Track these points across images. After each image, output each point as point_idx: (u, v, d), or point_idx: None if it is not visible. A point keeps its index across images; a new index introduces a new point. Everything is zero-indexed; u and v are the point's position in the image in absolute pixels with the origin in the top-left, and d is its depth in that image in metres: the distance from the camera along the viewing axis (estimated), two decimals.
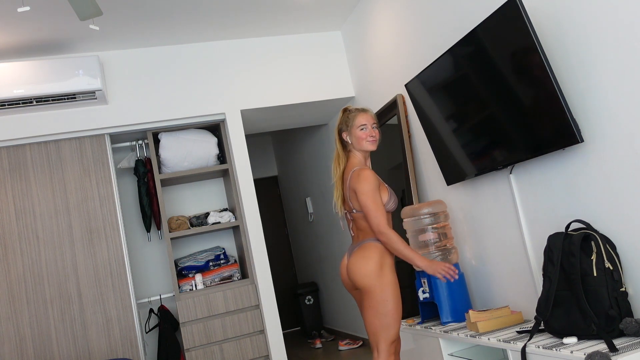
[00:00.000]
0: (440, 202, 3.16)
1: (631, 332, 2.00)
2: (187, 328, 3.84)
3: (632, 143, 2.09)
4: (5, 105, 3.59)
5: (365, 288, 2.54)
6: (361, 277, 2.54)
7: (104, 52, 4.01)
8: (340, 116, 2.76)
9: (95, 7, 2.72)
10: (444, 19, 3.12)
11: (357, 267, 2.56)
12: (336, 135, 2.77)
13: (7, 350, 3.51)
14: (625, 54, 2.06)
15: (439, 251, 3.06)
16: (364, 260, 2.56)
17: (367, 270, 2.54)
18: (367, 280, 2.53)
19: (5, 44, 3.61)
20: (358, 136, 2.68)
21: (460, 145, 2.93)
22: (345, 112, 2.76)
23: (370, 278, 2.53)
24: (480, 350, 2.85)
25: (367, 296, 2.54)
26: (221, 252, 4.29)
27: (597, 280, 2.08)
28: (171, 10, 3.63)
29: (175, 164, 4.11)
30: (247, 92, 4.23)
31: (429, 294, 3.07)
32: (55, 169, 3.81)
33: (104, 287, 3.75)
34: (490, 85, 2.60)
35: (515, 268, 2.86)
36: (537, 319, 2.30)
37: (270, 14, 3.98)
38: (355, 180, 2.60)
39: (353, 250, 2.66)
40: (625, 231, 2.16)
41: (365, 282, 2.53)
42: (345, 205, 2.69)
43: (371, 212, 2.54)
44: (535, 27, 2.43)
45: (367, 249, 2.59)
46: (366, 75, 4.20)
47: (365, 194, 2.55)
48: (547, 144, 2.35)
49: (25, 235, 3.68)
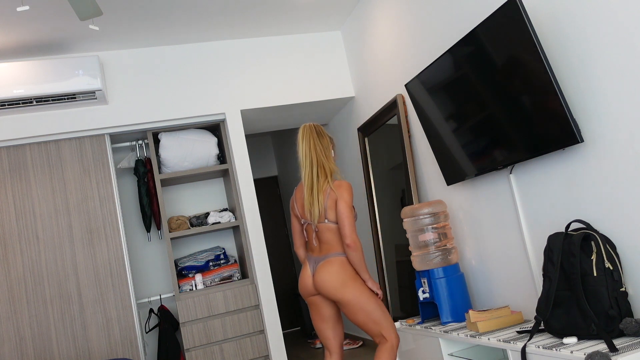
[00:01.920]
0: (440, 202, 3.16)
1: (631, 332, 2.00)
2: (187, 328, 3.84)
3: (632, 143, 2.09)
4: (5, 105, 3.59)
5: (346, 299, 2.64)
6: (341, 291, 2.64)
7: (104, 52, 4.01)
8: (329, 136, 2.84)
9: (95, 7, 2.72)
10: (444, 19, 3.12)
11: (331, 281, 2.65)
12: (329, 148, 2.80)
13: (7, 350, 3.51)
14: (625, 54, 2.06)
15: (439, 251, 3.07)
16: (338, 275, 2.65)
17: (345, 283, 2.64)
18: (348, 292, 2.64)
19: (5, 44, 3.61)
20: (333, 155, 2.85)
21: (460, 145, 2.93)
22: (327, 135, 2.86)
23: (350, 289, 2.64)
24: (480, 350, 2.85)
25: (351, 304, 2.64)
26: (221, 252, 4.29)
27: (597, 280, 2.08)
28: (171, 10, 3.63)
29: (175, 164, 4.11)
30: (247, 92, 4.23)
31: (429, 294, 3.08)
32: (55, 169, 3.81)
33: (104, 287, 3.75)
34: (490, 85, 2.60)
35: (515, 268, 2.86)
36: (537, 319, 2.30)
37: (270, 14, 3.98)
38: (340, 190, 2.66)
39: (319, 263, 2.71)
40: (625, 231, 2.16)
41: (347, 294, 2.64)
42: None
43: (351, 222, 2.64)
44: (535, 27, 2.43)
45: (336, 264, 2.67)
46: (366, 75, 4.20)
47: (348, 203, 2.64)
48: (547, 144, 2.35)
49: (25, 235, 3.68)
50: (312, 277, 2.72)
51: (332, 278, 2.64)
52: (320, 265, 2.69)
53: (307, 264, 2.78)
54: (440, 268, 3.03)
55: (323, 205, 2.66)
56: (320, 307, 2.77)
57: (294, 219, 2.85)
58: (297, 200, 2.80)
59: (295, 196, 2.82)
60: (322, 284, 2.66)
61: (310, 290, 2.74)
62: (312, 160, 2.71)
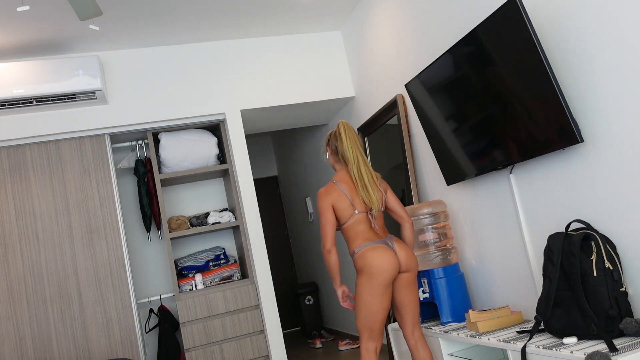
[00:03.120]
0: (440, 202, 3.16)
1: (631, 332, 2.00)
2: (187, 328, 3.84)
3: (632, 143, 2.09)
4: (5, 105, 3.59)
5: (415, 272, 2.78)
6: (417, 261, 2.81)
7: (104, 52, 4.01)
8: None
9: (95, 7, 2.72)
10: (444, 19, 3.12)
11: (413, 256, 2.77)
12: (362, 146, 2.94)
13: (7, 350, 3.51)
14: (625, 54, 2.06)
15: (439, 251, 3.07)
16: (409, 248, 2.79)
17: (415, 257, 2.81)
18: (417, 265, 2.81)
19: (5, 44, 3.61)
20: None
21: (460, 145, 2.93)
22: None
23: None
24: (480, 350, 2.85)
25: (414, 280, 2.77)
26: (221, 252, 4.29)
27: (597, 280, 2.08)
28: (171, 10, 3.63)
29: (175, 164, 4.11)
30: (247, 92, 4.23)
31: (429, 294, 3.08)
32: (55, 169, 3.81)
33: (104, 287, 3.75)
34: (490, 85, 2.60)
35: (515, 268, 2.86)
36: (537, 319, 2.30)
37: (270, 14, 3.98)
38: (385, 183, 2.91)
39: (392, 242, 2.75)
40: (625, 231, 2.16)
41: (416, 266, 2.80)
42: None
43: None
44: (535, 27, 2.43)
45: (401, 241, 2.81)
46: (366, 75, 4.20)
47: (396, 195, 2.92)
48: (547, 144, 2.35)
49: (25, 235, 3.68)
50: (397, 255, 2.71)
51: (412, 253, 2.76)
52: (395, 241, 2.74)
53: (382, 248, 2.70)
54: (440, 268, 3.03)
55: (382, 194, 2.81)
56: (388, 290, 2.69)
57: (333, 215, 2.79)
58: (347, 190, 2.77)
59: (342, 187, 2.78)
60: (410, 258, 2.73)
61: (395, 270, 2.69)
62: (360, 155, 2.82)
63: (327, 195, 2.76)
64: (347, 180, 2.80)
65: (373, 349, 2.68)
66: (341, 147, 2.82)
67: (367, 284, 2.64)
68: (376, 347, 2.68)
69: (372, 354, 2.68)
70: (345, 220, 2.75)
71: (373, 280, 2.63)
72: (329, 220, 2.75)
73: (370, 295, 2.63)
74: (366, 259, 2.65)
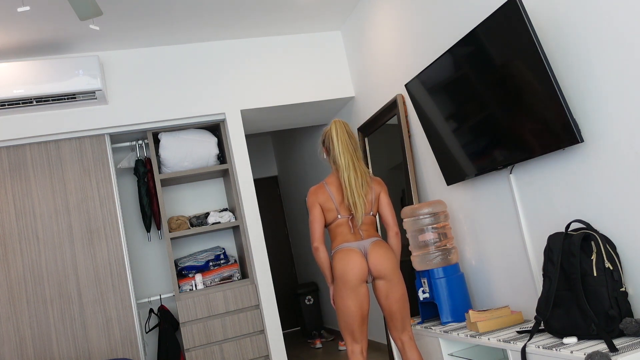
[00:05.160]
0: (440, 202, 3.16)
1: (631, 332, 2.00)
2: (187, 328, 3.84)
3: (632, 143, 2.09)
4: (5, 105, 3.59)
5: (397, 277, 2.73)
6: (397, 268, 2.75)
7: (104, 52, 4.01)
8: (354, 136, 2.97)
9: (95, 7, 2.72)
10: (444, 19, 3.12)
11: (390, 259, 2.72)
12: (358, 148, 2.89)
13: (7, 350, 3.51)
14: (625, 54, 2.06)
15: (439, 251, 3.07)
16: (391, 253, 2.75)
17: (397, 262, 2.77)
18: (398, 272, 2.75)
19: (5, 44, 3.61)
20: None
21: (460, 145, 2.93)
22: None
23: (398, 269, 2.77)
24: (480, 350, 2.85)
25: (400, 284, 2.73)
26: (221, 252, 4.29)
27: (597, 280, 2.08)
28: (171, 10, 3.63)
29: (175, 164, 4.11)
30: (247, 92, 4.23)
31: (429, 294, 3.08)
32: (55, 169, 3.81)
33: (104, 287, 3.75)
34: (490, 85, 2.60)
35: (515, 268, 2.86)
36: (537, 319, 2.30)
37: (270, 14, 3.98)
38: (381, 186, 2.90)
39: (368, 244, 2.73)
40: (625, 231, 2.16)
41: (398, 272, 2.75)
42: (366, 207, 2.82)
43: (394, 214, 2.89)
44: (535, 27, 2.43)
45: (385, 244, 2.77)
46: (366, 75, 4.20)
47: (389, 197, 2.92)
48: (547, 144, 2.35)
49: (25, 235, 3.68)
50: (367, 258, 2.69)
51: (390, 255, 2.71)
52: (372, 245, 2.71)
53: (351, 250, 2.69)
54: (440, 268, 3.03)
55: (370, 199, 2.80)
56: (359, 293, 2.67)
57: (320, 213, 2.81)
58: (335, 195, 2.79)
59: (330, 191, 2.80)
60: (382, 264, 2.68)
61: (361, 275, 2.67)
62: (351, 160, 2.79)
63: (315, 195, 2.83)
64: (336, 184, 2.82)
65: (358, 350, 2.71)
66: (332, 151, 2.82)
67: (337, 288, 2.70)
68: (361, 348, 2.71)
69: (358, 356, 2.71)
70: (330, 221, 2.82)
71: (340, 284, 2.68)
72: (316, 218, 2.80)
73: (341, 299, 2.68)
74: (335, 262, 2.72)
